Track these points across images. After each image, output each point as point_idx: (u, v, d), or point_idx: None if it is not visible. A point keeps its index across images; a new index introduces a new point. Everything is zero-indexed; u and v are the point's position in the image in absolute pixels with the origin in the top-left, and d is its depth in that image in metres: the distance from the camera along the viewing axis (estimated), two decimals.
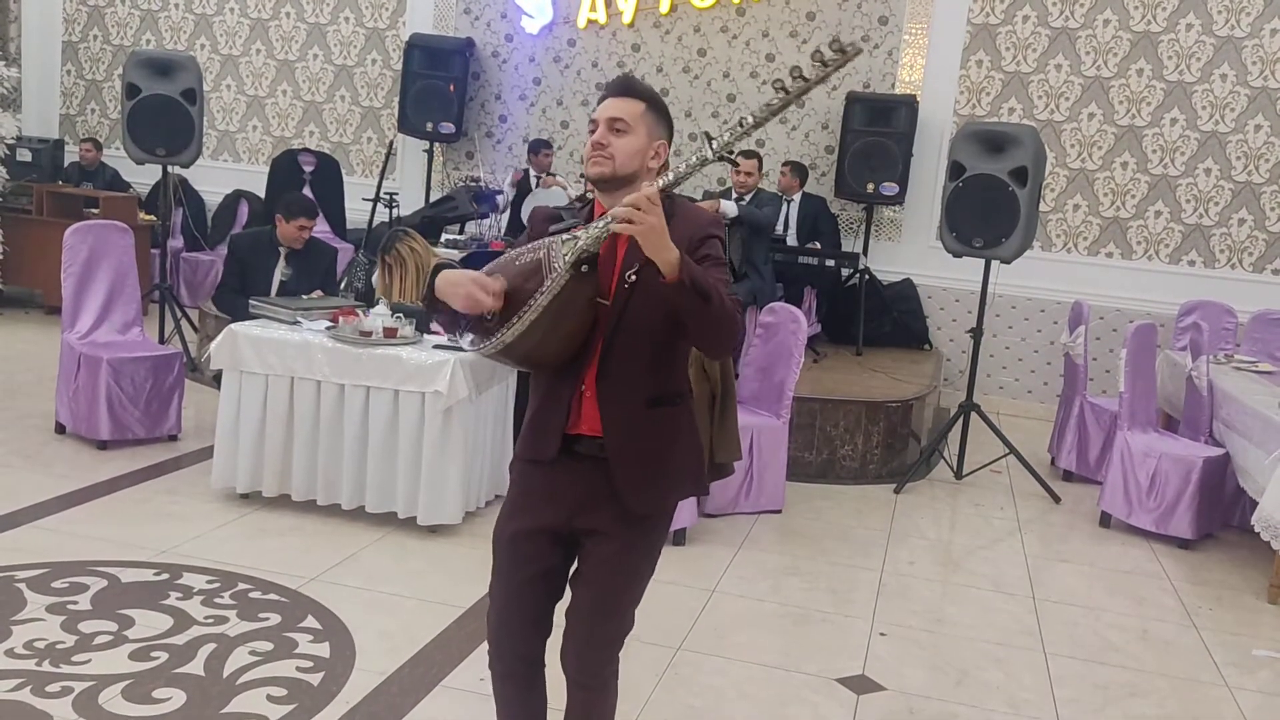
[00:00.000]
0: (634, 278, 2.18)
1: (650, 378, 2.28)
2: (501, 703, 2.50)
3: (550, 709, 2.53)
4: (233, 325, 4.74)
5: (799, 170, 7.92)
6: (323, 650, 3.49)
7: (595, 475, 2.29)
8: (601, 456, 2.28)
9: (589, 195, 2.40)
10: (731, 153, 2.13)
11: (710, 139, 2.12)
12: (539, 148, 8.26)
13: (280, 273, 5.57)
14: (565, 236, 2.16)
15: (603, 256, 2.19)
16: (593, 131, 2.27)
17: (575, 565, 2.42)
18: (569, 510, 2.33)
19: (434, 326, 4.66)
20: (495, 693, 2.49)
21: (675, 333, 2.22)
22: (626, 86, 2.28)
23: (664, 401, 2.32)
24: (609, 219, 2.09)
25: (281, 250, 5.60)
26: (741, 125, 2.10)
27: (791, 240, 7.70)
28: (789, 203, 7.74)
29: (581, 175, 7.86)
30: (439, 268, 2.26)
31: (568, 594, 2.43)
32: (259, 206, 9.17)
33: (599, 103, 2.30)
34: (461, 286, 2.16)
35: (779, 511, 5.35)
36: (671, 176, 2.12)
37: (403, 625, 3.73)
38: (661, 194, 2.06)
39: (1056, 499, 5.98)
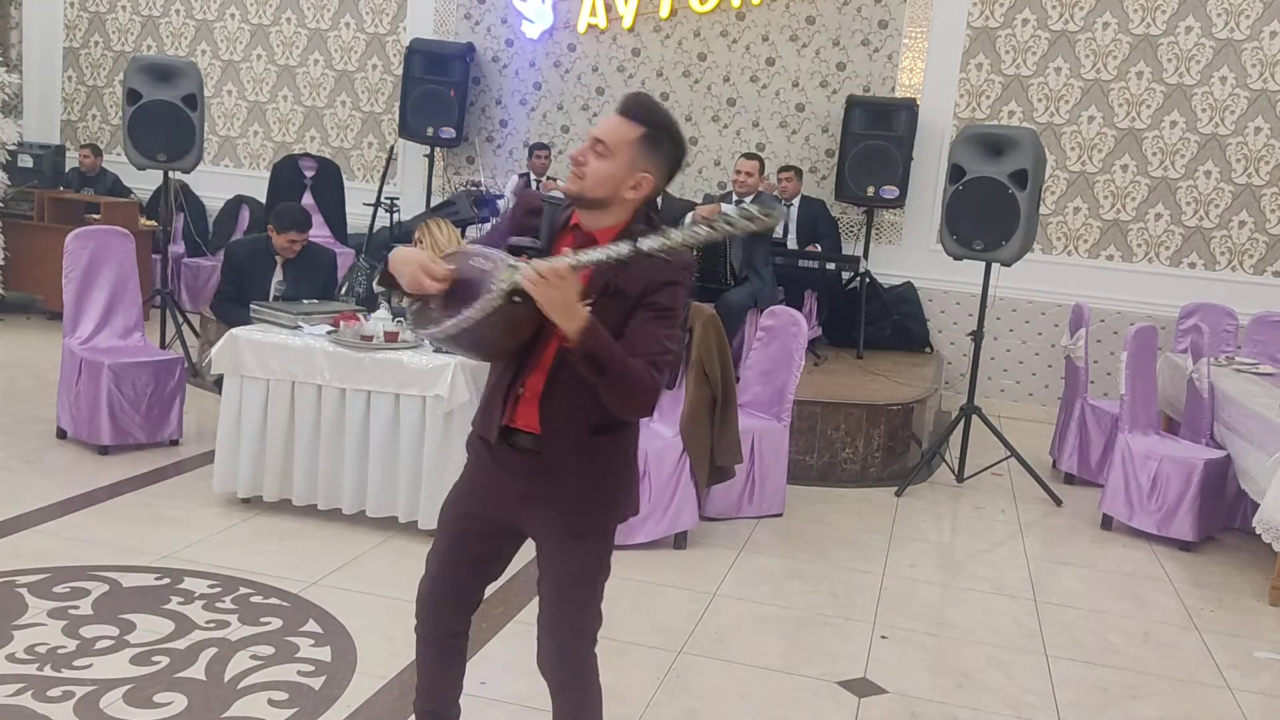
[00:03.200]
0: (589, 306, 2.15)
1: (596, 406, 2.24)
2: (420, 663, 2.61)
3: (540, 710, 2.53)
4: (234, 330, 4.74)
5: (800, 175, 7.94)
6: (324, 654, 3.49)
7: (530, 472, 2.33)
8: (536, 452, 2.31)
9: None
10: (650, 256, 2.09)
11: (635, 240, 2.08)
12: (535, 150, 8.30)
13: (275, 286, 5.56)
14: (511, 262, 2.13)
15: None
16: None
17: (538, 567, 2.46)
18: (508, 503, 2.38)
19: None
20: (417, 654, 2.60)
21: None
22: (630, 107, 2.25)
23: (607, 430, 2.32)
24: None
25: (277, 258, 5.60)
26: (669, 240, 2.06)
27: (792, 244, 7.71)
28: (789, 206, 7.75)
29: None
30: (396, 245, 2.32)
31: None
32: (260, 212, 9.17)
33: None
34: (410, 266, 2.21)
35: (780, 515, 5.35)
36: (587, 259, 2.09)
37: (404, 629, 3.69)
38: (573, 270, 2.05)
39: (1058, 501, 5.98)
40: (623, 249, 2.08)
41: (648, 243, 2.07)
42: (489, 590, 2.58)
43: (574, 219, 2.31)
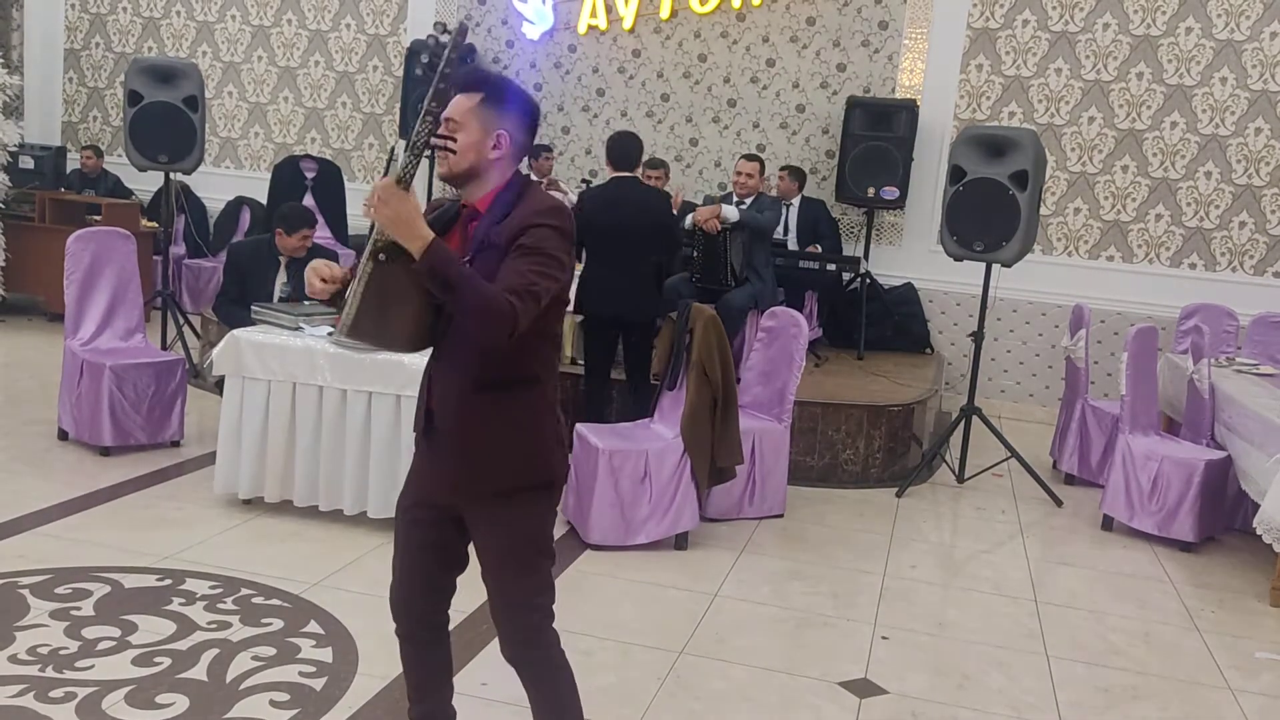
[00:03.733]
0: (467, 261, 2.25)
1: (479, 361, 2.30)
2: (405, 663, 2.64)
3: (525, 707, 2.54)
4: (235, 331, 4.75)
5: (797, 174, 7.94)
6: (325, 655, 3.49)
7: (449, 452, 2.38)
8: (448, 431, 2.37)
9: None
10: (422, 147, 2.21)
11: (391, 151, 2.33)
12: (539, 152, 8.27)
13: (280, 287, 5.56)
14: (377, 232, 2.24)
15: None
16: None
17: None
18: (439, 488, 2.43)
19: None
20: (401, 658, 2.63)
21: None
22: (463, 81, 2.36)
23: (496, 386, 2.34)
24: None
25: (281, 260, 5.60)
26: (422, 105, 2.20)
27: (792, 244, 7.72)
28: (788, 206, 7.75)
29: (584, 180, 7.89)
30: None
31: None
32: (261, 213, 9.18)
33: None
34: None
35: (781, 516, 5.36)
36: (397, 166, 2.21)
37: None
38: (399, 183, 2.15)
39: (1058, 502, 5.98)
40: (412, 139, 2.20)
41: (397, 157, 2.24)
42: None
43: (463, 202, 2.41)
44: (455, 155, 2.32)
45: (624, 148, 5.65)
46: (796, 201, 7.85)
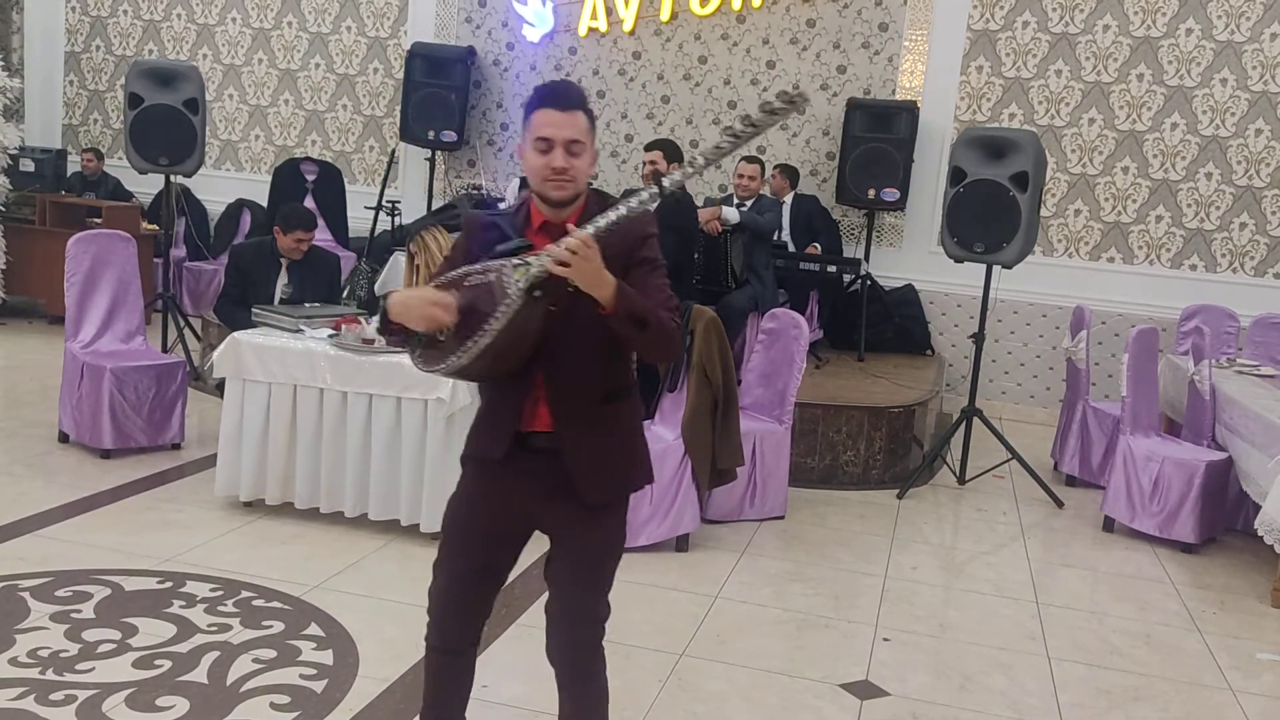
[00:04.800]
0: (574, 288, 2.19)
1: (600, 374, 2.33)
2: (432, 674, 2.60)
3: (541, 713, 2.53)
4: (236, 333, 4.75)
5: (789, 172, 7.94)
6: (326, 658, 3.49)
7: (548, 470, 2.34)
8: (554, 450, 2.33)
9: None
10: (676, 194, 2.20)
11: (660, 180, 2.17)
12: None
13: (281, 289, 5.56)
14: (516, 261, 2.17)
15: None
16: (544, 150, 2.24)
17: (546, 560, 2.47)
18: (527, 505, 2.39)
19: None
20: (427, 665, 2.60)
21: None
22: (571, 96, 2.29)
23: (615, 396, 2.38)
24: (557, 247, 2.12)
25: (283, 261, 5.60)
26: (692, 166, 2.18)
27: (787, 241, 7.70)
28: (780, 203, 7.74)
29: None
30: (389, 293, 2.32)
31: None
32: (261, 216, 9.19)
33: (533, 109, 2.28)
34: (417, 307, 2.19)
35: (782, 517, 5.35)
36: (606, 222, 2.15)
37: (406, 632, 3.72)
38: (596, 238, 2.10)
39: (1059, 504, 5.97)
40: (643, 195, 2.16)
41: (669, 179, 2.17)
42: None
43: (535, 218, 2.34)
44: (580, 180, 2.28)
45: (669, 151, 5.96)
46: (789, 199, 7.85)
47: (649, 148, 6.52)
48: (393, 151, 8.95)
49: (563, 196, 2.28)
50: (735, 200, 6.75)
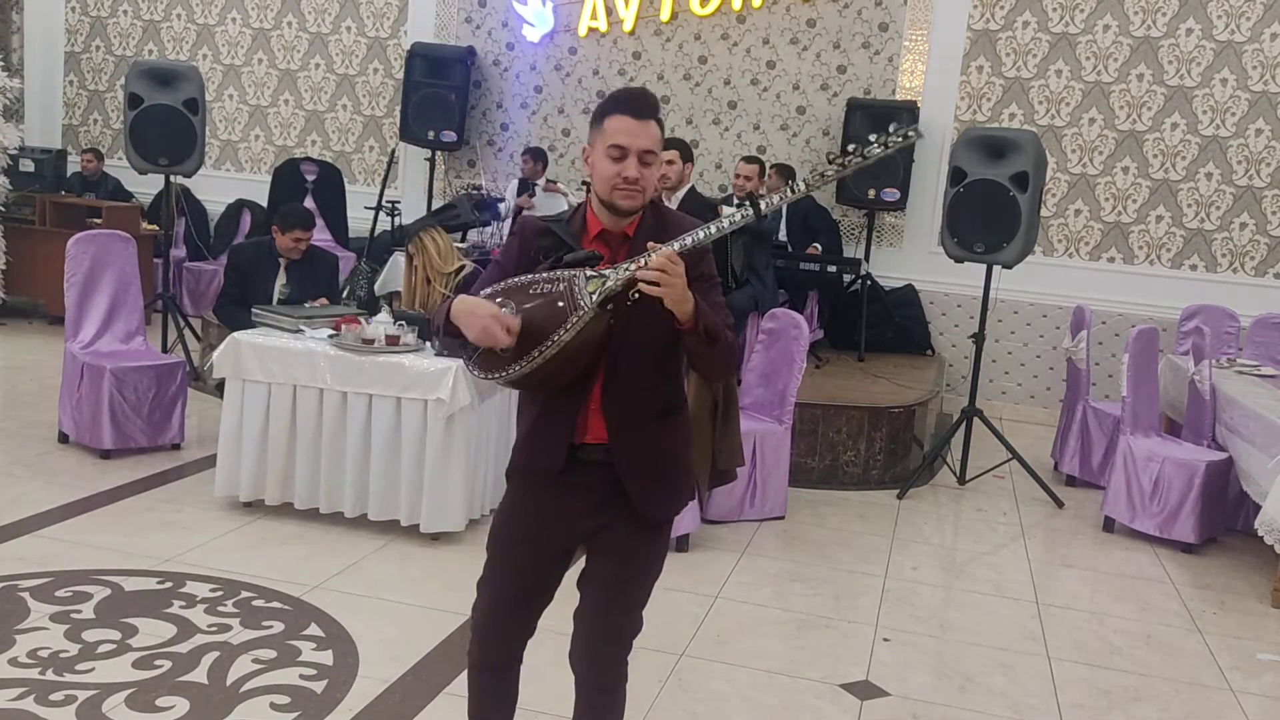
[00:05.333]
0: (637, 296, 2.15)
1: (655, 389, 2.32)
2: (475, 692, 2.53)
3: (551, 715, 2.52)
4: (236, 334, 4.75)
5: (785, 171, 7.93)
6: (326, 658, 3.49)
7: (602, 482, 2.31)
8: (607, 462, 2.29)
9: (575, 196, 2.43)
10: (764, 216, 2.20)
11: (753, 201, 2.18)
12: (540, 155, 8.33)
13: (279, 289, 5.56)
14: (591, 274, 2.14)
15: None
16: (617, 158, 2.20)
17: (582, 567, 2.43)
18: (576, 519, 2.34)
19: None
20: (470, 682, 2.53)
21: (676, 346, 2.26)
22: (648, 104, 2.25)
23: (669, 411, 2.37)
24: (637, 262, 2.11)
25: (281, 261, 5.60)
26: (793, 191, 2.20)
27: (783, 238, 7.69)
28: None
29: (584, 182, 7.89)
30: (460, 291, 2.28)
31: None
32: (261, 216, 9.19)
33: (608, 114, 2.23)
34: (480, 319, 2.13)
35: (782, 518, 5.35)
36: (702, 235, 2.15)
37: (405, 633, 3.72)
38: (681, 255, 2.09)
39: (1060, 504, 5.97)
40: (735, 216, 2.17)
41: (766, 201, 2.18)
42: None
43: (592, 226, 2.30)
44: (650, 191, 2.26)
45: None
46: None
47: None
48: (392, 152, 8.95)
49: (633, 206, 2.24)
50: (735, 200, 6.74)
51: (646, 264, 2.08)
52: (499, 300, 2.19)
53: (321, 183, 8.90)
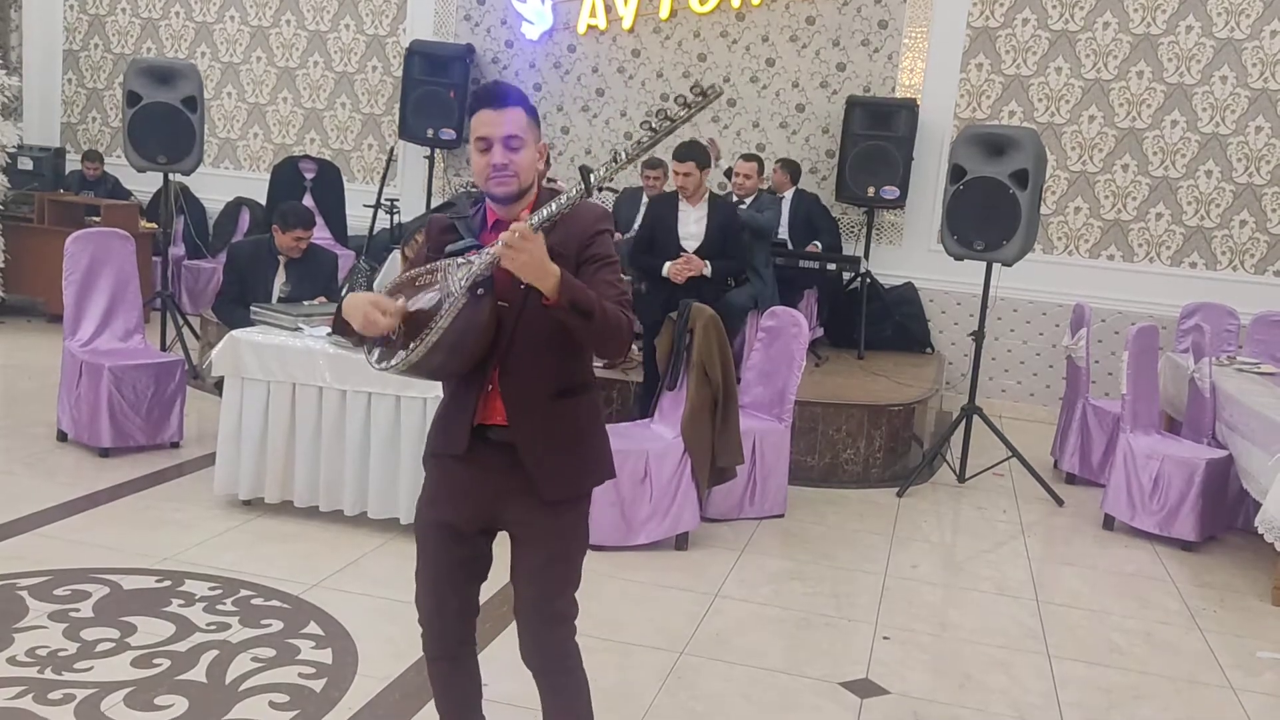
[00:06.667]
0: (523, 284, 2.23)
1: (553, 371, 2.35)
2: (437, 684, 2.59)
3: (531, 710, 2.53)
4: (234, 332, 4.74)
5: (790, 166, 7.91)
6: (325, 656, 3.49)
7: (506, 464, 2.36)
8: (510, 443, 2.34)
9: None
10: (603, 188, 2.26)
11: (588, 174, 2.22)
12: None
13: (279, 287, 5.55)
14: (460, 260, 2.23)
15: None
16: (484, 150, 2.29)
17: (511, 560, 2.47)
18: (487, 501, 2.40)
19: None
20: (430, 675, 2.59)
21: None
22: (505, 94, 2.32)
23: (569, 393, 2.38)
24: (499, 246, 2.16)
25: (281, 259, 5.59)
26: (615, 160, 2.22)
27: (784, 236, 7.68)
28: (780, 200, 7.73)
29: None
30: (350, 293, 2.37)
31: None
32: (260, 214, 9.17)
33: (472, 114, 2.32)
34: (359, 308, 2.23)
35: (781, 516, 5.35)
36: (546, 213, 2.19)
37: (405, 631, 3.69)
38: (534, 230, 2.13)
39: (1059, 502, 5.97)
40: (571, 192, 2.21)
41: (596, 174, 2.21)
42: (492, 589, 2.57)
43: (490, 217, 2.39)
44: (523, 175, 2.31)
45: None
46: (789, 195, 7.82)
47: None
48: (391, 149, 8.94)
49: (506, 192, 2.31)
50: (734, 198, 6.74)
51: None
52: (394, 295, 2.29)
53: (320, 181, 8.88)
